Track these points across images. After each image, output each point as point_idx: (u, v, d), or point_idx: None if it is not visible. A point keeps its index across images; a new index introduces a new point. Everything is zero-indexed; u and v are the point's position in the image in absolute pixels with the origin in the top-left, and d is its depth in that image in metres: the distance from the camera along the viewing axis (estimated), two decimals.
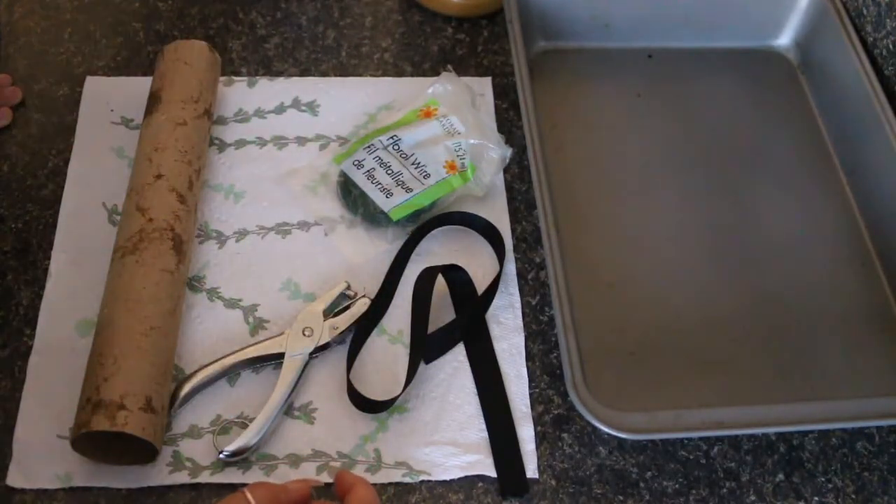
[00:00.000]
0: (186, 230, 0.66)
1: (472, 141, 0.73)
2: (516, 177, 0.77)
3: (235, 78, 0.80)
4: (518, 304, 0.70)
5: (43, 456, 0.60)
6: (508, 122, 0.80)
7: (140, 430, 0.56)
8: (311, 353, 0.65)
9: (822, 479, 0.64)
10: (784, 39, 0.88)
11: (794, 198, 0.78)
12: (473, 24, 0.87)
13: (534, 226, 0.74)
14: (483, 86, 0.82)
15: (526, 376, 0.66)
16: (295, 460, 0.61)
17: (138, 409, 0.57)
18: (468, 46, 0.85)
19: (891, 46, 0.79)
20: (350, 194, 0.72)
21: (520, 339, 0.68)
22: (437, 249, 0.72)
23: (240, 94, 0.79)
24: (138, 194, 0.66)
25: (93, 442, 0.58)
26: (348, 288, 0.68)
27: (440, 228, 0.73)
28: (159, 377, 0.60)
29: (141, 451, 0.59)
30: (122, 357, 0.59)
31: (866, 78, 0.78)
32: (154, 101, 0.71)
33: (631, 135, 0.81)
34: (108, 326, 0.60)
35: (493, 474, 0.62)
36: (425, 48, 0.85)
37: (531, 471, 0.62)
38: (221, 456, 0.60)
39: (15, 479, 0.60)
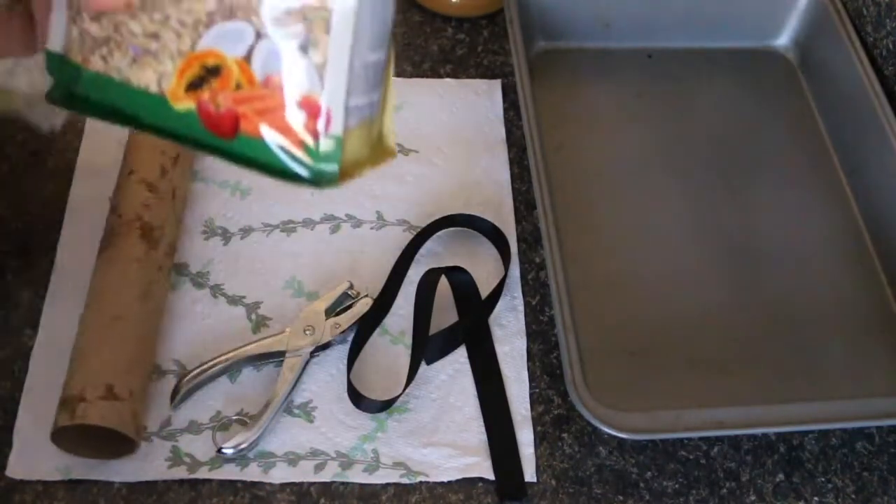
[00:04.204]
0: (158, 216, 0.66)
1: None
2: (516, 177, 0.77)
3: None
4: (521, 308, 0.69)
5: (43, 447, 0.60)
6: (508, 122, 0.80)
7: (99, 419, 0.56)
8: (312, 352, 0.65)
9: (822, 479, 0.64)
10: (784, 39, 0.88)
11: (794, 198, 0.78)
12: (473, 24, 0.87)
13: (534, 226, 0.74)
14: (492, 88, 0.82)
15: (527, 379, 0.66)
16: (293, 458, 0.61)
17: (98, 399, 0.57)
18: (468, 46, 0.85)
19: (891, 46, 0.79)
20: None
21: (521, 343, 0.68)
22: (441, 251, 0.72)
23: None
24: (114, 194, 0.68)
25: (71, 440, 0.58)
26: (351, 287, 0.68)
27: (444, 230, 0.72)
28: (125, 364, 0.59)
29: (121, 440, 0.58)
30: (85, 352, 0.60)
31: (866, 78, 0.78)
32: None
33: (631, 135, 0.81)
34: (79, 326, 0.62)
35: (492, 477, 0.62)
36: (425, 48, 0.85)
37: (530, 474, 0.62)
38: (220, 452, 0.60)
39: (15, 469, 0.60)
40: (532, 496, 0.62)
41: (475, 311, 0.68)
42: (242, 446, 0.60)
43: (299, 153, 0.41)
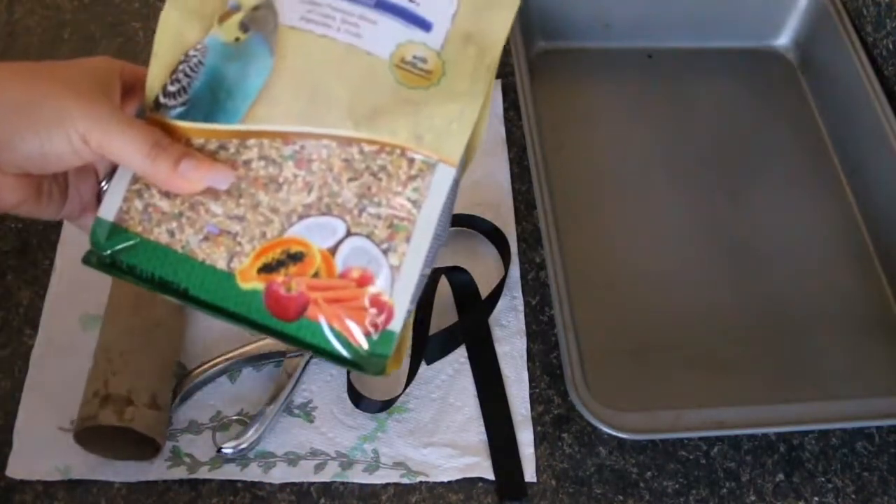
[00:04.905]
0: None
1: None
2: (516, 177, 0.77)
3: None
4: (521, 307, 0.69)
5: (43, 447, 0.60)
6: (508, 122, 0.80)
7: (146, 427, 0.57)
8: None
9: (822, 479, 0.64)
10: (784, 39, 0.88)
11: (794, 198, 0.78)
12: None
13: (534, 226, 0.74)
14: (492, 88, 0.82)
15: (527, 380, 0.66)
16: (293, 458, 0.61)
17: (143, 406, 0.57)
18: None
19: (891, 46, 0.79)
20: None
21: (521, 343, 0.68)
22: (441, 251, 0.72)
23: None
24: None
25: (96, 435, 0.58)
26: None
27: None
28: (164, 374, 0.60)
29: (143, 447, 0.59)
30: (130, 352, 0.59)
31: (866, 78, 0.78)
32: None
33: (631, 135, 0.81)
34: (115, 321, 0.61)
35: (492, 477, 0.62)
36: None
37: (530, 474, 0.62)
38: (220, 452, 0.60)
39: (15, 469, 0.60)
40: (532, 496, 0.62)
41: (475, 311, 0.68)
42: (242, 446, 0.60)
43: (356, 342, 0.44)
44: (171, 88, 0.45)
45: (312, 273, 0.44)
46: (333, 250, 0.44)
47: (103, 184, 0.48)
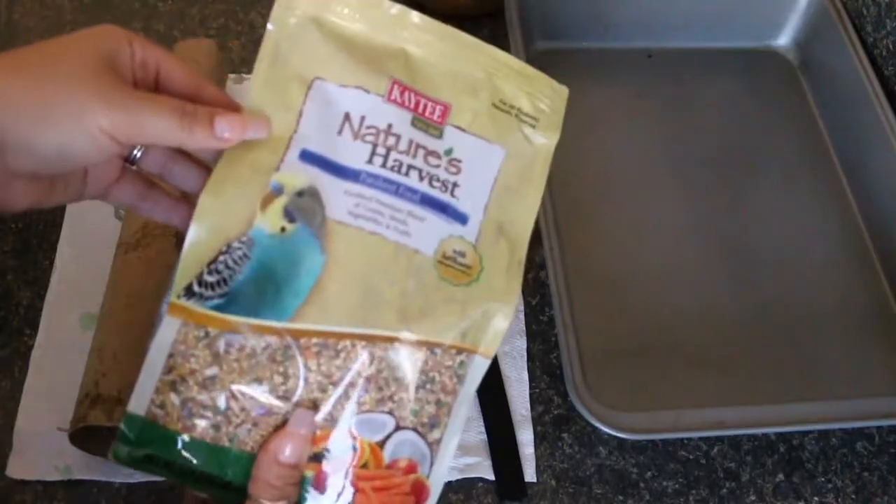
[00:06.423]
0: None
1: None
2: None
3: (245, 76, 0.80)
4: (521, 307, 0.70)
5: (43, 447, 0.60)
6: None
7: None
8: None
9: (822, 479, 0.64)
10: (784, 39, 0.88)
11: (794, 198, 0.78)
12: (474, 23, 0.87)
13: (534, 226, 0.74)
14: None
15: (527, 380, 0.66)
16: None
17: None
18: None
19: (891, 46, 0.79)
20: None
21: (521, 343, 0.68)
22: None
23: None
24: None
25: (92, 436, 0.58)
26: None
27: None
28: None
29: None
30: (122, 352, 0.59)
31: (866, 78, 0.78)
32: None
33: (631, 135, 0.81)
34: (109, 321, 0.61)
35: (492, 477, 0.62)
36: None
37: (530, 475, 0.62)
38: None
39: (15, 469, 0.60)
40: (532, 496, 0.62)
41: None
42: None
43: None
44: (209, 279, 0.43)
45: (362, 464, 0.43)
46: (382, 444, 0.43)
47: (136, 152, 0.46)
